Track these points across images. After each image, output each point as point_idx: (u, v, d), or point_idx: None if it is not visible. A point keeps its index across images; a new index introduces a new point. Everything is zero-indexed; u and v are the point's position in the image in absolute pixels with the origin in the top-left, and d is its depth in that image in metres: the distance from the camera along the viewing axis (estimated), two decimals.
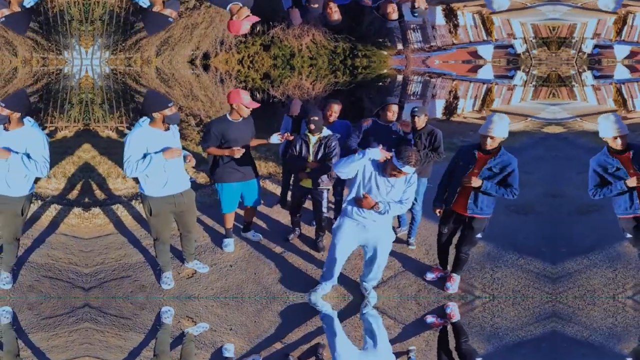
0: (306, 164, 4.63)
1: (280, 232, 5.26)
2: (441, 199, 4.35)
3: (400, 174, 3.72)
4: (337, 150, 4.57)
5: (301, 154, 4.65)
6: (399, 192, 3.86)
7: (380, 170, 3.83)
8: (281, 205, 5.71)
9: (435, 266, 4.68)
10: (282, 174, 6.03)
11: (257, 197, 4.88)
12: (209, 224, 5.32)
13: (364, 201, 3.82)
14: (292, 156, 4.69)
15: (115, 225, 5.27)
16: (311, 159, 4.61)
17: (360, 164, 3.80)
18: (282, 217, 5.50)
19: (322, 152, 4.59)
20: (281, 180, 5.99)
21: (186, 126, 8.04)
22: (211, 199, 5.91)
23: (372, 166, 3.85)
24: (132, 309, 4.08)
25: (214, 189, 6.05)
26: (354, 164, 3.78)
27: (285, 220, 5.45)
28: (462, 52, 11.81)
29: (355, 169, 3.83)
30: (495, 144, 4.07)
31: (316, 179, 4.67)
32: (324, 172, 4.62)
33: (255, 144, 4.82)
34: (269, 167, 6.69)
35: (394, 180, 3.81)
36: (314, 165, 4.59)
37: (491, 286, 4.43)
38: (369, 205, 3.82)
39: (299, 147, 4.66)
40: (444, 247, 4.52)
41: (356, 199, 3.88)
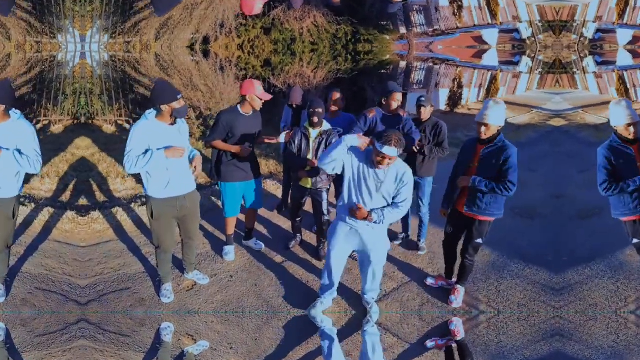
0: (306, 162, 4.46)
1: (281, 238, 5.17)
2: (450, 200, 4.19)
3: (384, 160, 3.53)
4: None
5: (300, 150, 4.49)
6: (389, 190, 3.67)
7: (369, 163, 3.66)
8: (278, 210, 5.60)
9: (439, 275, 4.61)
10: (282, 173, 5.91)
11: (258, 199, 4.76)
12: (209, 229, 5.23)
13: (358, 212, 3.67)
14: (291, 153, 4.53)
15: (114, 230, 5.18)
16: (311, 155, 4.46)
17: (339, 153, 3.60)
18: (283, 222, 5.40)
19: (322, 148, 4.42)
20: (282, 179, 5.87)
21: (186, 119, 7.85)
22: (211, 202, 5.80)
23: (360, 160, 3.67)
24: (131, 325, 4.01)
25: (214, 191, 5.96)
26: (333, 152, 3.59)
27: (286, 225, 5.35)
28: (467, 36, 11.52)
29: (337, 160, 3.63)
30: (490, 132, 3.86)
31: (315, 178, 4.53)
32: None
33: (264, 142, 4.64)
34: (270, 165, 6.55)
35: (383, 175, 3.63)
36: (314, 163, 4.40)
37: (496, 300, 4.36)
38: (362, 216, 3.67)
39: (298, 141, 4.50)
40: (448, 251, 4.42)
41: (349, 208, 3.75)
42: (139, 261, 4.74)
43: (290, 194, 5.06)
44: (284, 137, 4.58)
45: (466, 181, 3.92)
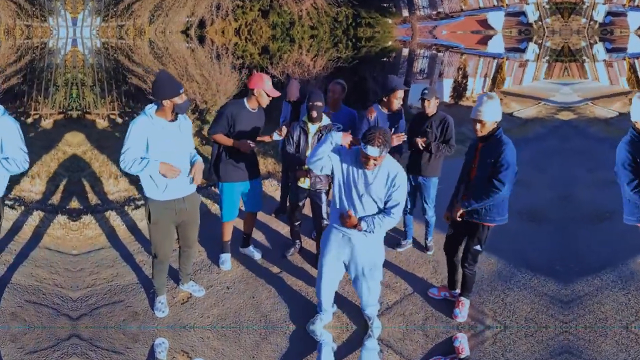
0: (304, 159, 4.25)
1: (279, 244, 5.00)
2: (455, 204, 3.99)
3: (369, 160, 3.35)
4: None
5: (299, 146, 4.28)
6: (379, 193, 3.46)
7: (358, 163, 3.46)
8: (276, 214, 5.41)
9: (442, 285, 4.45)
10: (281, 173, 5.72)
11: (258, 200, 4.58)
12: (205, 235, 5.04)
13: (348, 220, 3.48)
14: (289, 150, 4.34)
15: (106, 236, 5.01)
16: (309, 152, 4.25)
17: (324, 151, 3.42)
18: (282, 227, 5.22)
19: None
20: (281, 179, 5.68)
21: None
22: (206, 205, 5.61)
23: (349, 160, 3.48)
24: (124, 340, 3.86)
25: (211, 192, 5.77)
26: (318, 150, 3.42)
27: (284, 230, 5.18)
28: (471, 20, 11.11)
29: (323, 159, 3.45)
30: (486, 129, 3.68)
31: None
32: None
33: (258, 141, 4.44)
34: (268, 164, 6.34)
35: (372, 177, 3.44)
36: None
37: (502, 313, 4.21)
38: (351, 224, 3.49)
39: (296, 137, 4.29)
40: (449, 256, 4.25)
41: (340, 214, 3.56)
42: (132, 271, 4.58)
43: (288, 197, 4.87)
44: (277, 134, 4.36)
45: (455, 214, 3.84)
